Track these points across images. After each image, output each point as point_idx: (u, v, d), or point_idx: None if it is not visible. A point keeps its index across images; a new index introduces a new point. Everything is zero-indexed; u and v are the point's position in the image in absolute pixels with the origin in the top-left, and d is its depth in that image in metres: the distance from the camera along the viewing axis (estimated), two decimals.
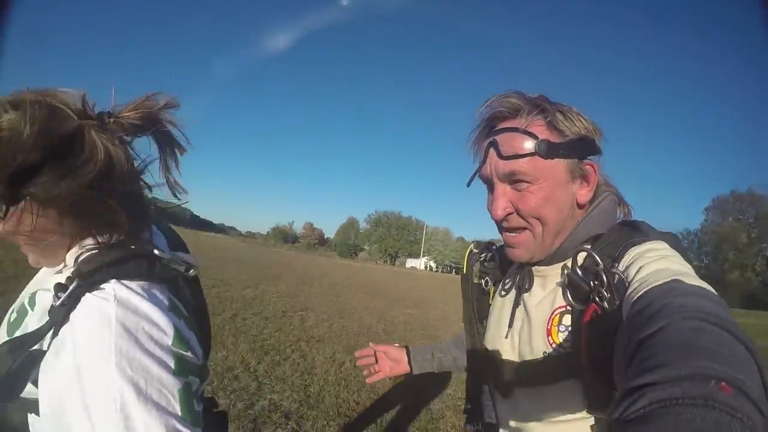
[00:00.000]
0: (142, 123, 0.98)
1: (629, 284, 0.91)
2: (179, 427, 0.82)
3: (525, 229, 1.13)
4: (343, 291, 18.16)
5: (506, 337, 1.23)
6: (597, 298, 0.98)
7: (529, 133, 1.06)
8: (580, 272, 1.05)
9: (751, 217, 74.14)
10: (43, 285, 0.99)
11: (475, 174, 1.18)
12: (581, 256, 1.08)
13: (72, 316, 0.85)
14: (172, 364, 0.87)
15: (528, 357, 1.16)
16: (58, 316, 0.85)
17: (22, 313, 0.97)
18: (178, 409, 0.83)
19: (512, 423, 1.22)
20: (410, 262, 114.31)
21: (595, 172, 1.12)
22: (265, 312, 10.12)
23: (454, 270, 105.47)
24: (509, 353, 1.22)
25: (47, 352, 0.85)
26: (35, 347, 0.86)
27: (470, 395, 1.37)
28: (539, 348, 1.13)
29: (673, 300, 0.73)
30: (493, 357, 1.27)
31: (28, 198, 0.86)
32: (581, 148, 1.09)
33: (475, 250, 1.44)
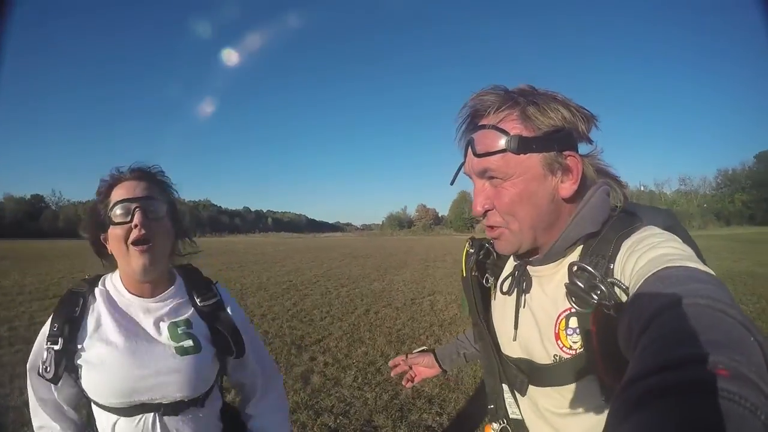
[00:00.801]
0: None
1: (629, 284, 0.92)
2: None
3: (501, 227, 1.12)
4: None
5: (514, 339, 1.23)
6: (602, 307, 0.97)
7: (500, 129, 1.05)
8: (578, 283, 1.02)
9: None
10: (177, 312, 1.49)
11: (458, 171, 1.19)
12: (575, 269, 1.05)
13: (229, 304, 1.58)
14: None
15: (540, 360, 1.16)
16: (220, 305, 1.55)
17: (185, 334, 1.46)
18: None
19: (534, 418, 1.23)
20: None
21: (578, 163, 1.08)
22: (395, 302, 10.45)
23: None
24: (519, 353, 1.23)
25: (227, 326, 1.52)
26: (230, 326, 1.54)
27: (491, 394, 1.36)
28: (550, 351, 1.13)
29: (667, 288, 0.74)
30: (505, 358, 1.28)
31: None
32: (558, 141, 1.06)
33: (471, 250, 1.44)
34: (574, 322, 1.07)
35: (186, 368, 1.41)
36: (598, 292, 0.97)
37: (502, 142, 1.04)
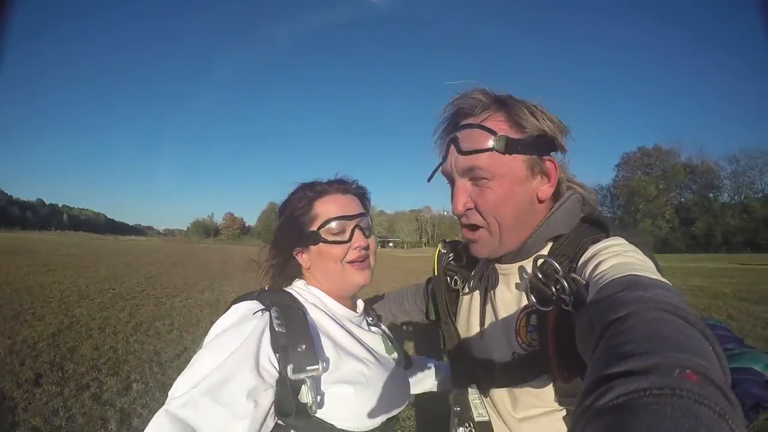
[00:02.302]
0: None
1: (588, 282, 0.93)
2: None
3: (481, 227, 1.14)
4: None
5: (481, 338, 1.26)
6: (560, 303, 1.00)
7: (488, 128, 1.07)
8: (541, 276, 1.06)
9: (659, 170, 79.02)
10: (371, 325, 1.43)
11: (436, 169, 1.20)
12: (540, 261, 1.08)
13: None
14: None
15: (500, 357, 1.19)
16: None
17: (392, 346, 1.41)
18: None
19: (498, 421, 1.23)
20: None
21: (555, 168, 1.13)
22: None
23: (380, 244, 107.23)
24: (483, 353, 1.25)
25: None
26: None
27: (458, 396, 1.31)
28: (510, 347, 1.16)
29: (634, 292, 0.74)
30: (471, 357, 1.30)
31: None
32: (541, 145, 1.10)
33: (443, 250, 1.47)
34: (534, 319, 1.12)
35: (405, 379, 1.39)
36: (558, 286, 1.00)
37: (490, 141, 1.07)
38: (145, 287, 13.68)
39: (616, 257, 0.93)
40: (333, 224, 1.28)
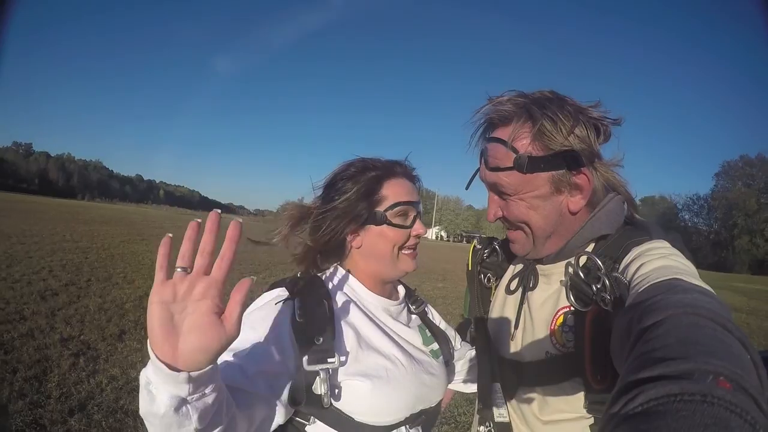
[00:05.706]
0: None
1: (630, 282, 0.91)
2: None
3: (518, 228, 1.15)
4: None
5: (514, 337, 1.23)
6: (599, 302, 0.99)
7: (510, 146, 1.05)
8: (582, 275, 1.04)
9: (761, 182, 72.61)
10: (410, 315, 1.40)
11: (473, 177, 1.21)
12: (583, 259, 1.08)
13: (429, 310, 1.49)
14: None
15: (532, 357, 1.16)
16: (426, 312, 1.46)
17: (431, 337, 1.37)
18: None
19: (519, 423, 1.21)
20: None
21: (589, 181, 1.07)
22: None
23: (464, 239, 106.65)
24: (515, 353, 1.22)
25: (439, 332, 1.42)
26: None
27: (482, 395, 1.28)
28: (543, 348, 1.13)
29: (674, 296, 0.73)
30: (500, 356, 1.27)
31: None
32: (568, 161, 1.04)
33: (478, 246, 1.45)
34: (571, 320, 1.09)
35: (442, 372, 1.32)
36: (599, 285, 1.00)
37: (511, 159, 1.05)
38: (241, 262, 13.96)
39: (660, 259, 0.91)
40: (400, 209, 1.25)
